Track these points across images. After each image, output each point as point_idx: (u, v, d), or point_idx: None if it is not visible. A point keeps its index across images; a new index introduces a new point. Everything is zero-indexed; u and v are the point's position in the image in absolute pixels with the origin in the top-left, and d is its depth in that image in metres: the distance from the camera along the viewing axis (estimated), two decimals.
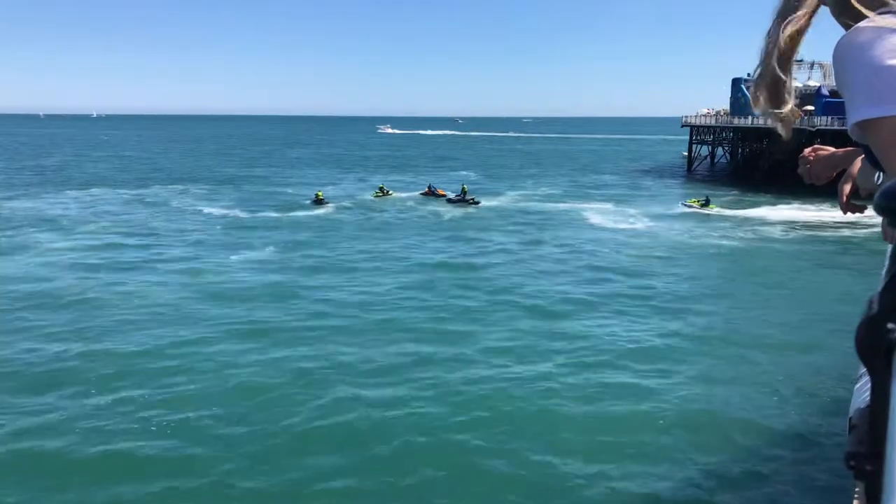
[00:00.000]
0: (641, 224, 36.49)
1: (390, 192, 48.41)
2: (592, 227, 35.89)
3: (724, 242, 31.62)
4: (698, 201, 41.69)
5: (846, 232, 33.17)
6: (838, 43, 1.02)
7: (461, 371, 15.22)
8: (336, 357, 16.05)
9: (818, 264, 27.08)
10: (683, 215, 39.47)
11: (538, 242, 31.13)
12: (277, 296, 21.38)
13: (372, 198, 47.29)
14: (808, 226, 35.80)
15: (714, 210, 40.34)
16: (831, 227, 34.54)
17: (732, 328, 18.53)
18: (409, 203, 44.92)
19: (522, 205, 44.84)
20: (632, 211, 41.14)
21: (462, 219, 38.29)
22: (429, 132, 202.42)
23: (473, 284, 22.98)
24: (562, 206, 44.17)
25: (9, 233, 32.18)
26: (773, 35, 1.20)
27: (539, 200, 47.18)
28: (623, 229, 34.94)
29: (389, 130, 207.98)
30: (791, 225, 36.19)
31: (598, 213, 40.07)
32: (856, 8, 1.05)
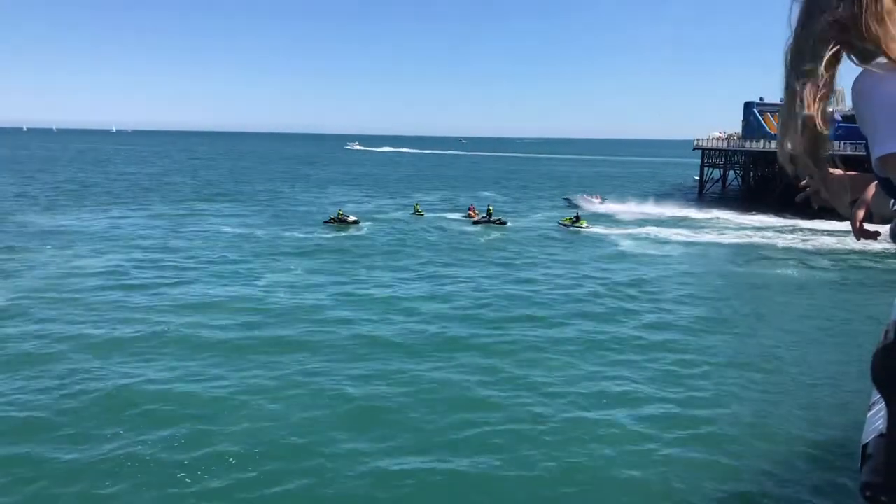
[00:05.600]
0: (674, 251, 37.21)
1: (422, 213, 50.88)
2: (623, 252, 36.36)
3: (755, 270, 32.82)
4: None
5: (857, 258, 34.28)
6: (857, 82, 1.05)
7: (508, 402, 15.45)
8: (369, 388, 16.02)
9: (834, 289, 28.07)
10: (712, 242, 40.40)
11: (574, 266, 31.82)
12: (312, 321, 21.46)
13: (410, 214, 50.21)
14: (825, 251, 37.04)
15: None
16: (848, 253, 35.75)
17: (758, 353, 19.37)
18: (440, 224, 46.47)
19: (550, 226, 46.26)
20: (654, 234, 42.56)
21: (495, 242, 39.50)
22: (385, 149, 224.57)
23: (509, 312, 23.06)
24: (585, 229, 44.62)
25: (29, 252, 31.97)
26: (803, 100, 1.10)
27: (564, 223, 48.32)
28: (652, 254, 35.77)
29: (357, 147, 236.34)
30: (818, 251, 37.38)
31: (626, 238, 40.85)
32: (872, 53, 1.05)
